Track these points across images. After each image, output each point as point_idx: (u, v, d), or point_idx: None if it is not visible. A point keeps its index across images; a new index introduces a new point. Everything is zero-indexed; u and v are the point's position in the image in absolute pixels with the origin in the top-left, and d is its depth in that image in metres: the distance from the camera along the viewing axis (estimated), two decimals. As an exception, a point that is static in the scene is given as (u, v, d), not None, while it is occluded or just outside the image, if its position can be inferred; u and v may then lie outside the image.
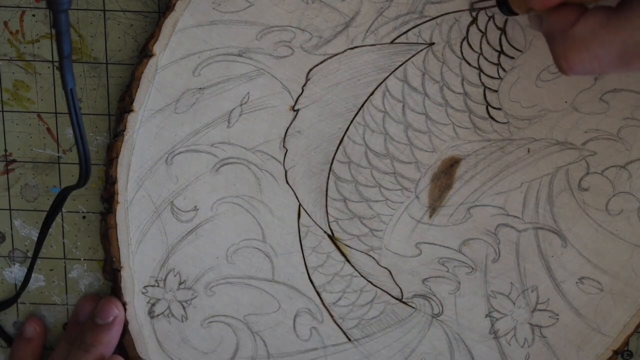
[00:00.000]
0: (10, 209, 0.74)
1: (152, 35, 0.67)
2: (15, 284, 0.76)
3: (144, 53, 0.67)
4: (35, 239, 0.75)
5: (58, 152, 0.73)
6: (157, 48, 0.67)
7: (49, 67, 0.71)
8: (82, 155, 0.60)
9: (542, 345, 0.73)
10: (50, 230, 0.74)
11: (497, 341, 0.73)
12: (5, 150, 0.73)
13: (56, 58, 0.70)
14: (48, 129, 0.72)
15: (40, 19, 0.70)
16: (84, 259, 0.76)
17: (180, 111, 0.69)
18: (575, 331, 0.73)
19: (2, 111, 0.72)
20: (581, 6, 0.56)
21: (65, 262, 0.76)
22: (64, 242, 0.75)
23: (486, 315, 0.73)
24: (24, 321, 0.77)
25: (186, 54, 0.67)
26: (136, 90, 0.68)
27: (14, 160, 0.73)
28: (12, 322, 0.78)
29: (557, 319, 0.72)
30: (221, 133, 0.69)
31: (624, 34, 0.54)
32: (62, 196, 0.69)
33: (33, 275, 0.76)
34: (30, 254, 0.75)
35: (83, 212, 0.74)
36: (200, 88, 0.68)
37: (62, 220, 0.75)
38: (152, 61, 0.67)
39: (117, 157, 0.70)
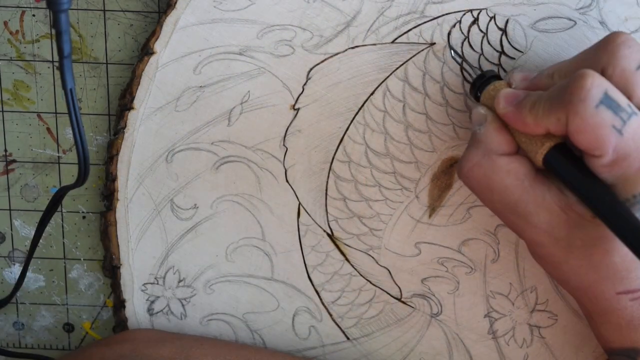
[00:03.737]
0: (10, 209, 0.75)
1: (153, 33, 0.67)
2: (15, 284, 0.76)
3: (145, 51, 0.67)
4: None
5: (58, 152, 0.73)
6: (158, 46, 0.67)
7: (49, 67, 0.71)
8: (81, 155, 0.60)
9: (540, 346, 0.73)
10: (50, 230, 0.74)
11: (495, 341, 0.73)
12: (5, 150, 0.73)
13: (56, 58, 0.70)
14: (48, 129, 0.72)
15: (40, 19, 0.70)
16: (84, 259, 0.76)
17: (180, 109, 0.69)
18: (574, 332, 0.73)
19: (2, 111, 0.72)
20: (517, 147, 0.58)
21: (65, 262, 0.76)
22: (64, 242, 0.75)
23: (485, 315, 0.73)
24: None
25: (187, 52, 0.67)
26: (137, 88, 0.68)
27: (14, 160, 0.73)
28: (12, 322, 0.78)
29: (556, 319, 0.72)
30: (221, 131, 0.69)
31: (524, 197, 0.57)
32: (60, 195, 0.68)
33: (33, 275, 0.76)
34: None
35: (83, 212, 0.74)
36: (200, 86, 0.68)
37: (62, 220, 0.75)
38: (152, 59, 0.67)
39: (117, 154, 0.70)
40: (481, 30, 0.65)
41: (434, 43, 0.66)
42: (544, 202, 0.57)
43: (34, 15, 0.70)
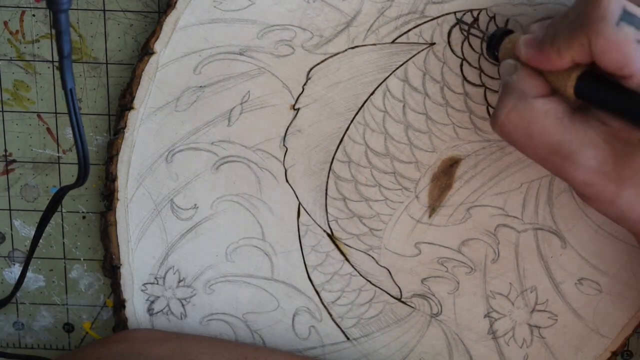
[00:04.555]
0: (10, 209, 0.75)
1: (153, 32, 0.67)
2: (15, 284, 0.76)
3: (145, 50, 0.67)
4: None
5: (58, 152, 0.73)
6: (158, 46, 0.67)
7: (49, 67, 0.71)
8: (81, 155, 0.60)
9: (540, 346, 0.73)
10: (50, 230, 0.74)
11: (495, 341, 0.73)
12: (5, 150, 0.73)
13: (56, 58, 0.70)
14: (48, 129, 0.72)
15: (40, 19, 0.70)
16: (84, 259, 0.76)
17: (180, 109, 0.69)
18: (574, 332, 0.73)
19: (2, 111, 0.72)
20: (552, 89, 0.56)
21: (65, 262, 0.76)
22: (64, 242, 0.75)
23: (485, 316, 0.73)
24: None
25: (187, 52, 0.67)
26: (137, 88, 0.68)
27: (14, 161, 0.73)
28: (12, 322, 0.78)
29: (556, 319, 0.72)
30: (221, 131, 0.69)
31: (566, 136, 0.55)
32: (60, 195, 0.68)
33: (33, 275, 0.76)
34: None
35: (83, 212, 0.75)
36: (200, 86, 0.68)
37: (62, 220, 0.75)
38: (153, 59, 0.67)
39: (117, 154, 0.70)
40: (481, 31, 0.65)
41: (434, 43, 0.66)
42: (587, 137, 0.55)
43: (34, 15, 0.70)
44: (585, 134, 0.55)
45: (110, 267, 0.73)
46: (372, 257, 0.72)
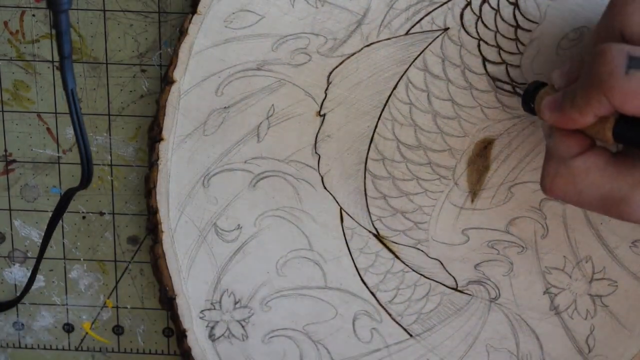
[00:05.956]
0: (10, 209, 0.75)
1: (171, 62, 0.68)
2: (15, 285, 0.77)
3: (165, 81, 0.68)
4: (35, 239, 0.76)
5: (58, 152, 0.73)
6: (177, 74, 0.68)
7: (49, 67, 0.72)
8: (84, 157, 0.60)
9: (605, 315, 0.72)
10: None
11: (559, 317, 0.73)
12: (5, 150, 0.74)
13: (56, 58, 0.71)
14: (48, 129, 0.73)
15: (40, 19, 0.70)
16: (84, 259, 0.76)
17: (209, 133, 0.69)
18: (637, 295, 0.71)
19: (2, 111, 0.73)
20: (590, 140, 0.56)
21: (65, 262, 0.77)
22: (64, 242, 0.76)
23: (544, 292, 0.72)
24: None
25: (206, 75, 0.68)
26: (163, 119, 0.69)
27: (14, 161, 0.74)
28: (12, 322, 0.79)
29: (616, 286, 0.71)
30: (252, 148, 0.70)
31: (614, 184, 0.56)
32: (67, 198, 0.69)
33: None
34: (30, 254, 0.76)
35: (83, 212, 0.75)
36: (225, 107, 0.69)
37: (62, 220, 0.75)
38: (174, 88, 0.68)
39: (154, 187, 0.70)
40: (493, 8, 0.65)
41: (448, 28, 0.66)
42: (634, 178, 0.55)
43: (34, 15, 0.70)
44: (632, 176, 0.55)
45: (166, 300, 0.74)
46: (422, 251, 0.72)
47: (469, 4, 0.65)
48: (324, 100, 0.68)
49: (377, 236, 0.71)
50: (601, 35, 0.56)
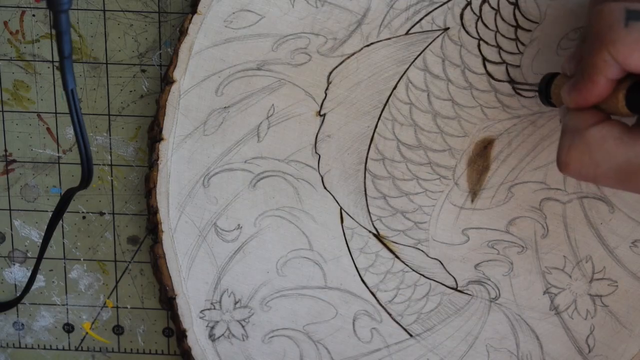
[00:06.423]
0: (10, 209, 0.75)
1: (171, 62, 0.68)
2: (15, 284, 0.77)
3: (165, 81, 0.68)
4: (35, 239, 0.76)
5: (58, 152, 0.73)
6: (177, 74, 0.68)
7: (49, 67, 0.72)
8: (84, 157, 0.60)
9: (605, 315, 0.72)
10: None
11: (559, 317, 0.73)
12: (5, 150, 0.74)
13: (56, 58, 0.71)
14: (48, 129, 0.73)
15: (40, 19, 0.71)
16: (83, 259, 0.76)
17: (209, 133, 0.69)
18: (637, 295, 0.71)
19: (2, 111, 0.73)
20: (605, 114, 0.56)
21: (65, 263, 0.77)
22: (64, 242, 0.76)
23: (544, 292, 0.72)
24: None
25: (206, 75, 0.68)
26: (163, 119, 0.69)
27: (14, 161, 0.74)
28: (12, 322, 0.79)
29: (616, 286, 0.71)
30: (253, 148, 0.70)
31: (630, 153, 0.54)
32: (67, 198, 0.68)
33: None
34: (30, 254, 0.76)
35: (83, 212, 0.75)
36: (225, 107, 0.69)
37: (62, 220, 0.75)
38: (174, 88, 0.68)
39: (154, 187, 0.70)
40: (493, 8, 0.65)
41: (448, 28, 0.66)
42: None
43: (34, 15, 0.71)
44: None
45: (166, 299, 0.74)
46: (422, 251, 0.72)
47: (469, 4, 0.65)
48: (324, 100, 0.68)
49: (377, 236, 0.71)
50: (597, 2, 0.55)
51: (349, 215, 0.71)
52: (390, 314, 0.73)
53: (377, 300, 0.73)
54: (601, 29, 0.51)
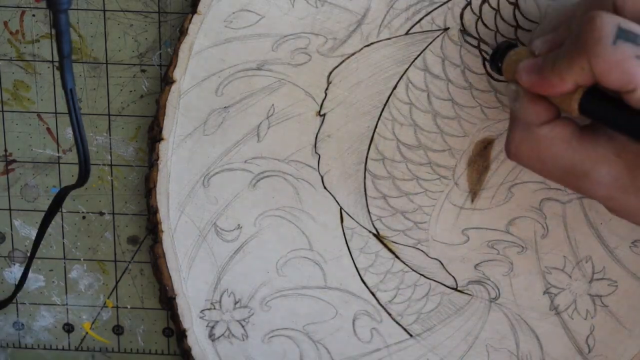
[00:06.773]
0: (10, 209, 0.75)
1: (171, 62, 0.68)
2: (15, 284, 0.77)
3: (165, 80, 0.68)
4: None
5: (58, 152, 0.74)
6: (177, 74, 0.68)
7: (49, 67, 0.72)
8: (82, 155, 0.60)
9: (605, 315, 0.72)
10: (50, 230, 0.75)
11: (559, 317, 0.73)
12: (5, 150, 0.74)
13: (56, 58, 0.71)
14: (48, 129, 0.73)
15: (40, 19, 0.70)
16: (83, 259, 0.76)
17: (209, 132, 0.69)
18: (637, 296, 0.71)
19: (2, 111, 0.73)
20: (557, 110, 0.56)
21: (65, 263, 0.77)
22: (64, 242, 0.76)
23: (544, 292, 0.72)
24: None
25: (206, 75, 0.68)
26: (163, 118, 0.69)
27: (14, 160, 0.74)
28: (12, 322, 0.79)
29: (616, 286, 0.71)
30: (252, 148, 0.70)
31: (576, 158, 0.56)
32: (61, 196, 0.68)
33: (33, 275, 0.77)
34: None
35: (83, 212, 0.75)
36: (225, 107, 0.69)
37: (62, 220, 0.75)
38: (174, 87, 0.68)
39: (154, 186, 0.71)
40: (493, 8, 0.65)
41: (448, 28, 0.66)
42: (597, 154, 0.55)
43: (34, 15, 0.70)
44: (595, 151, 0.56)
45: (166, 299, 0.74)
46: (422, 251, 0.72)
47: (469, 3, 0.65)
48: (324, 100, 0.68)
49: (377, 236, 0.71)
50: (593, 5, 0.55)
51: (349, 215, 0.71)
52: (390, 314, 0.74)
53: (377, 300, 0.73)
54: (588, 37, 0.51)
